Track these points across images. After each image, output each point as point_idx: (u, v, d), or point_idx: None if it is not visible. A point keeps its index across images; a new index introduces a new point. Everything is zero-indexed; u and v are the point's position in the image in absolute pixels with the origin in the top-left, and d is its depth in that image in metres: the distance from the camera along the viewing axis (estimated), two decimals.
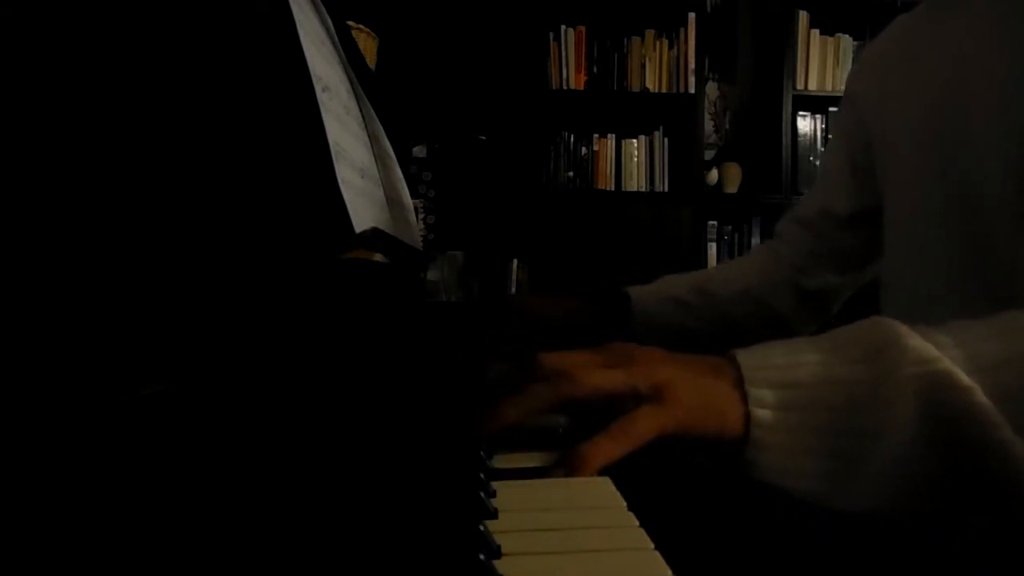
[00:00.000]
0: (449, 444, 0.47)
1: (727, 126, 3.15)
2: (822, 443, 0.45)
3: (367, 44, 1.20)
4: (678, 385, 0.47)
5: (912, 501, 0.46)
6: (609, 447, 0.45)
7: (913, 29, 0.83)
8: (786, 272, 0.96)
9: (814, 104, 2.95)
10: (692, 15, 2.90)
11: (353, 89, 0.65)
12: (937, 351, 0.45)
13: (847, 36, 2.95)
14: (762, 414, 0.46)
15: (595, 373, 0.48)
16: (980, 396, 0.43)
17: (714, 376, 0.48)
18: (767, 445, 0.46)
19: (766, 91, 3.02)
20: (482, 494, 0.38)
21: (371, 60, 1.21)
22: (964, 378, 0.44)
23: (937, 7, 0.79)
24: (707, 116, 3.07)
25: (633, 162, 2.97)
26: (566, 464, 0.45)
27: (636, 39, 2.93)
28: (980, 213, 0.67)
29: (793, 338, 0.50)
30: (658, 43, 2.93)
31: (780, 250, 0.99)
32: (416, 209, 2.47)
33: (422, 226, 2.70)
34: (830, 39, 2.94)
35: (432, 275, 2.63)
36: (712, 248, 2.99)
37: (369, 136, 0.66)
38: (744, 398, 0.46)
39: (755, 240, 2.99)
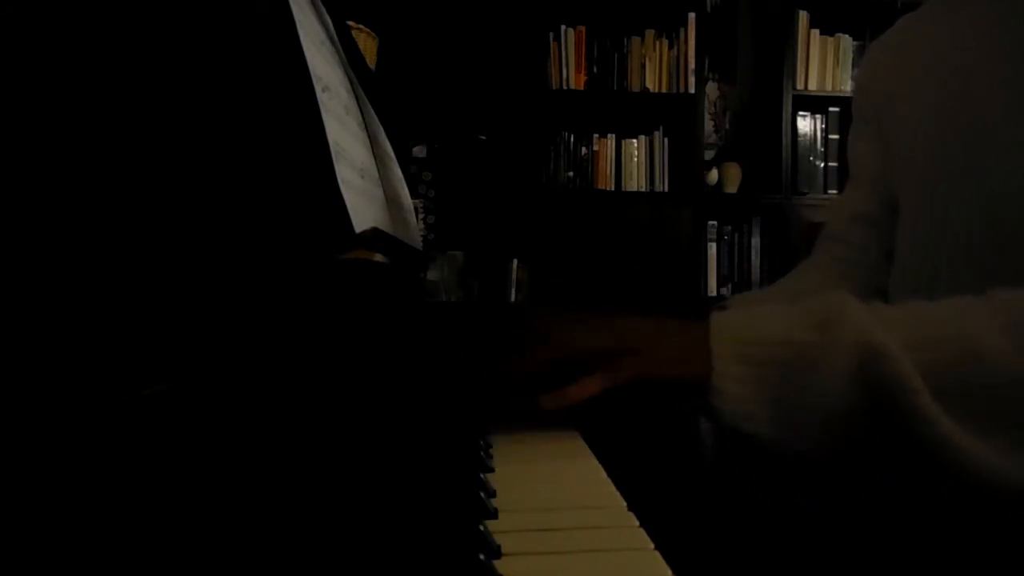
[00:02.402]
0: (449, 444, 0.47)
1: (727, 126, 3.15)
2: (772, 394, 0.53)
3: (367, 44, 1.20)
4: (655, 340, 0.55)
5: (847, 446, 0.53)
6: (592, 384, 0.53)
7: (923, 24, 0.83)
8: (866, 277, 0.89)
9: (814, 104, 2.95)
10: (692, 15, 2.90)
11: (353, 89, 0.65)
12: (875, 324, 0.51)
13: (847, 36, 2.94)
14: (723, 365, 0.53)
15: (584, 334, 0.56)
16: (905, 365, 0.50)
17: (687, 333, 0.55)
18: (726, 392, 0.53)
19: (766, 91, 3.02)
20: (482, 494, 0.38)
21: (371, 60, 1.21)
22: (893, 349, 0.50)
23: (943, 3, 0.79)
24: (707, 116, 3.07)
25: (633, 162, 2.97)
26: (552, 401, 0.53)
27: (636, 39, 2.93)
28: (997, 204, 0.67)
29: (764, 304, 0.59)
30: (658, 43, 2.93)
31: (849, 256, 0.91)
32: (416, 209, 2.47)
33: (422, 226, 2.69)
34: (830, 39, 2.94)
35: (432, 275, 2.63)
36: (712, 248, 2.99)
37: (369, 136, 0.66)
38: (711, 352, 0.53)
39: (755, 240, 2.99)
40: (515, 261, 2.88)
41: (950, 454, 0.49)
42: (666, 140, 2.96)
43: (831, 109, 2.95)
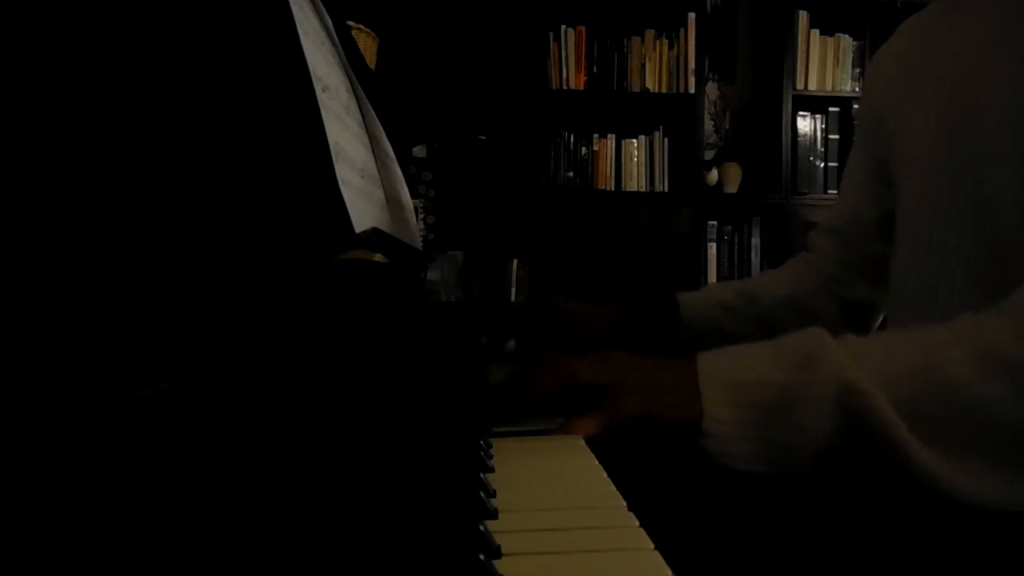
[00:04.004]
0: (449, 444, 0.48)
1: (727, 126, 3.15)
2: (760, 434, 0.56)
3: (367, 44, 1.19)
4: (649, 380, 0.60)
5: (830, 470, 0.57)
6: (594, 421, 0.59)
7: (924, 29, 0.83)
8: (823, 281, 0.96)
9: (814, 104, 2.95)
10: (692, 15, 2.90)
11: (353, 89, 0.65)
12: (851, 362, 0.55)
13: (847, 36, 2.94)
14: (712, 410, 0.57)
15: (589, 368, 0.61)
16: (881, 401, 0.53)
17: (679, 376, 0.59)
18: (716, 434, 0.57)
19: (766, 91, 3.02)
20: (482, 494, 0.38)
21: (371, 60, 1.21)
22: (868, 386, 0.53)
23: (947, 7, 0.79)
24: (707, 116, 3.06)
25: (633, 162, 2.97)
26: (563, 429, 0.59)
27: (636, 39, 2.93)
28: (991, 212, 0.67)
29: (746, 344, 0.62)
30: (658, 43, 2.93)
31: (814, 261, 0.98)
32: (416, 209, 2.47)
33: (422, 226, 2.69)
34: (830, 39, 2.94)
35: (432, 275, 2.63)
36: (712, 248, 2.99)
37: (369, 136, 0.66)
38: (700, 397, 0.57)
39: (755, 240, 2.99)
40: (515, 261, 2.88)
41: (930, 479, 0.53)
42: (666, 140, 2.96)
43: (831, 109, 2.95)
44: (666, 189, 2.96)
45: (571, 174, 2.96)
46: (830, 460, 0.56)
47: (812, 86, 2.93)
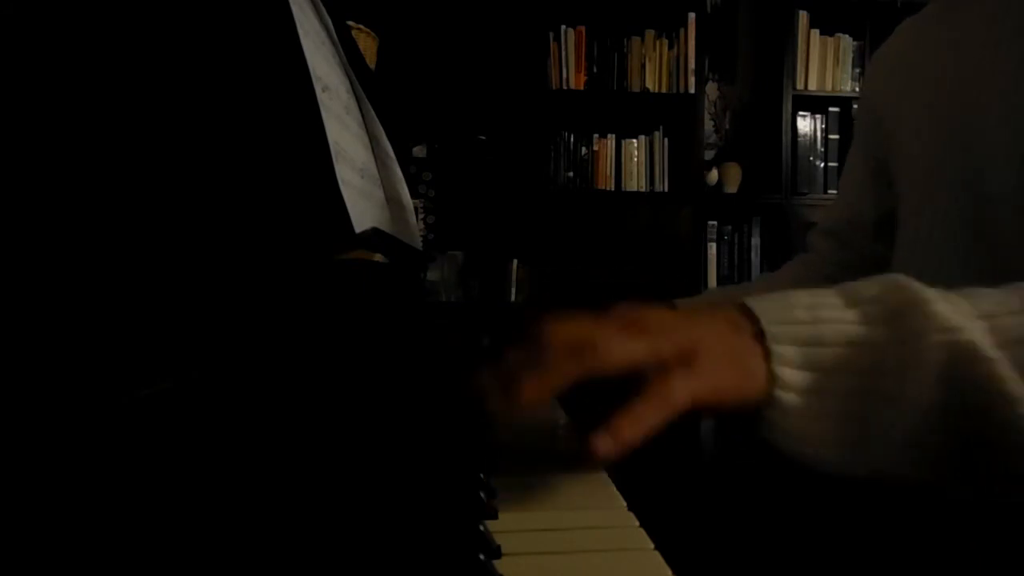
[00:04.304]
0: (449, 444, 0.47)
1: (727, 126, 3.15)
2: (843, 407, 0.43)
3: (367, 44, 1.19)
4: (706, 349, 0.43)
5: (924, 469, 0.44)
6: (647, 415, 0.40)
7: (923, 30, 0.83)
8: (820, 283, 0.94)
9: (814, 104, 2.95)
10: (692, 15, 2.90)
11: (353, 89, 0.65)
12: (962, 319, 0.43)
13: (847, 36, 2.94)
14: (786, 373, 0.43)
15: (619, 343, 0.42)
16: (1004, 368, 0.41)
17: (735, 333, 0.45)
18: (789, 406, 0.43)
19: (766, 91, 3.02)
20: (482, 494, 0.38)
21: (371, 60, 1.21)
22: (989, 349, 0.42)
23: (946, 7, 0.79)
24: (707, 116, 3.06)
25: (633, 162, 2.97)
26: (598, 442, 0.39)
27: (636, 39, 2.93)
28: (991, 211, 0.68)
29: (810, 289, 0.48)
30: (658, 43, 2.93)
31: (812, 262, 0.98)
32: (416, 209, 2.47)
33: (422, 226, 2.69)
34: (830, 39, 2.94)
35: (432, 275, 2.63)
36: (712, 248, 2.99)
37: (369, 136, 0.66)
38: (766, 354, 0.43)
39: (755, 240, 2.99)
40: (515, 261, 2.88)
41: None
42: (666, 140, 2.96)
43: (831, 109, 2.95)
44: (666, 189, 2.96)
45: (571, 174, 2.96)
46: (926, 452, 0.43)
47: (812, 86, 2.93)
